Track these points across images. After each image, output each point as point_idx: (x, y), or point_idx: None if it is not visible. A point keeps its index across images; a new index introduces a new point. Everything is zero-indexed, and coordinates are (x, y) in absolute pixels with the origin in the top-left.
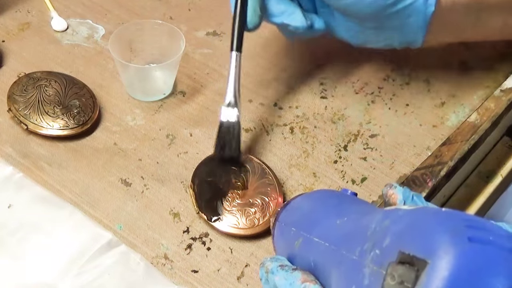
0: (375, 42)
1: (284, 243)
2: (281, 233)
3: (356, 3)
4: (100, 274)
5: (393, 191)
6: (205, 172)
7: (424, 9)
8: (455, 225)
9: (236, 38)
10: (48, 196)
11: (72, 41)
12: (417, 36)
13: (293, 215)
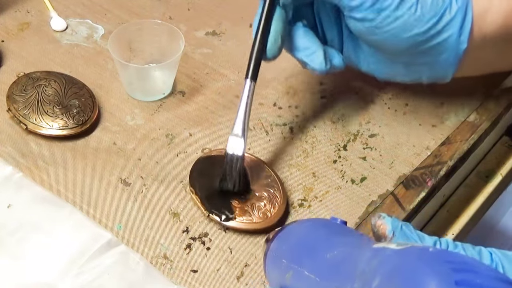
0: (402, 76)
1: (275, 274)
2: (273, 263)
3: (393, 38)
4: (99, 274)
5: (382, 221)
6: (202, 175)
7: (456, 46)
8: (442, 268)
9: (253, 67)
10: (47, 196)
11: (72, 41)
12: (447, 72)
13: (284, 245)
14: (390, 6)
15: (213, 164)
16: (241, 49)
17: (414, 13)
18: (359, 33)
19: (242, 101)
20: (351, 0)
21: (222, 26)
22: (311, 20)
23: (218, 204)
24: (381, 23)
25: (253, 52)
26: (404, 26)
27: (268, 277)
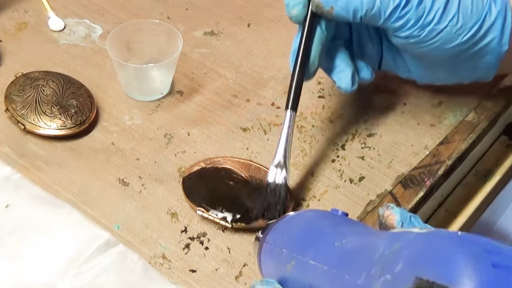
0: (444, 80)
1: (273, 265)
2: (270, 255)
3: (437, 49)
4: (98, 274)
5: (390, 212)
6: (200, 191)
7: (498, 48)
8: (476, 250)
9: (293, 96)
10: (46, 196)
11: (70, 40)
12: (489, 73)
13: (283, 236)
14: (433, 21)
15: (201, 178)
16: (239, 49)
17: (456, 24)
18: (403, 48)
19: (283, 131)
20: (396, 21)
21: (220, 26)
22: (347, 34)
23: (241, 213)
24: (425, 37)
25: (293, 81)
26: (448, 37)
27: (263, 268)
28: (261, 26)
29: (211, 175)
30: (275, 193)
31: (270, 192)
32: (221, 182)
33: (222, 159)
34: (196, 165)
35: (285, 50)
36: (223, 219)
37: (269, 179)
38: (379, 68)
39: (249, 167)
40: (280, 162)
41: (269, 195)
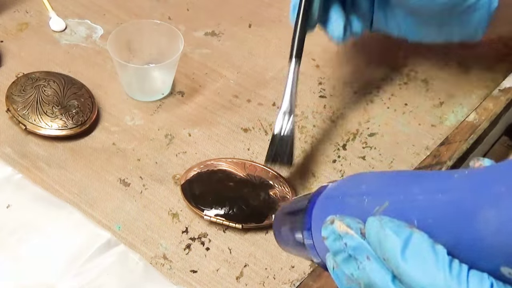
0: (434, 37)
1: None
2: (336, 209)
3: (430, 2)
4: (99, 274)
5: (481, 162)
6: (202, 196)
7: (488, 5)
8: None
9: (297, 44)
10: (46, 196)
11: (71, 41)
12: (478, 30)
13: (357, 187)
14: None
15: (200, 182)
16: (240, 49)
17: None
18: (396, 2)
19: (288, 79)
20: None
21: (221, 27)
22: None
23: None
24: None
25: (296, 31)
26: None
27: (312, 232)
28: (262, 26)
29: (209, 178)
30: (284, 139)
31: (279, 139)
32: (221, 184)
33: (215, 161)
34: (191, 170)
35: (286, 50)
36: (232, 221)
37: (277, 126)
38: (371, 28)
39: (243, 166)
40: (287, 108)
41: (279, 141)
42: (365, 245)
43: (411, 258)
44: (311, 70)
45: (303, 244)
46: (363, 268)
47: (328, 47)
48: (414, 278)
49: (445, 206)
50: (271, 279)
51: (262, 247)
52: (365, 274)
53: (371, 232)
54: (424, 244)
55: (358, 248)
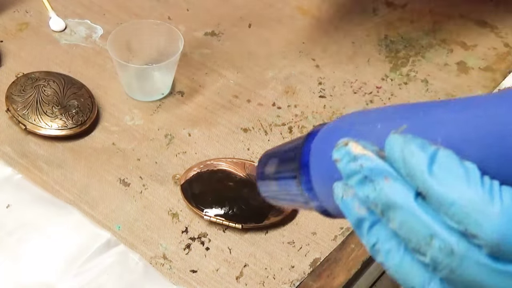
0: None
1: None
2: (350, 136)
3: None
4: (98, 274)
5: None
6: (202, 196)
7: None
8: None
9: None
10: (46, 196)
11: (71, 41)
12: None
13: (367, 116)
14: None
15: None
16: (240, 49)
17: None
18: None
19: None
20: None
21: (221, 27)
22: None
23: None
24: None
25: None
26: None
27: (317, 168)
28: (262, 26)
29: (209, 178)
30: None
31: None
32: (221, 184)
33: (215, 161)
34: (191, 170)
35: (286, 50)
36: (232, 221)
37: None
38: None
39: (243, 166)
40: None
41: None
42: (383, 165)
43: (439, 173)
44: (311, 70)
45: (295, 184)
46: (380, 189)
47: (328, 47)
48: (442, 193)
49: (476, 120)
50: (271, 279)
51: (262, 247)
52: (383, 194)
53: (394, 149)
54: (452, 159)
55: (376, 169)
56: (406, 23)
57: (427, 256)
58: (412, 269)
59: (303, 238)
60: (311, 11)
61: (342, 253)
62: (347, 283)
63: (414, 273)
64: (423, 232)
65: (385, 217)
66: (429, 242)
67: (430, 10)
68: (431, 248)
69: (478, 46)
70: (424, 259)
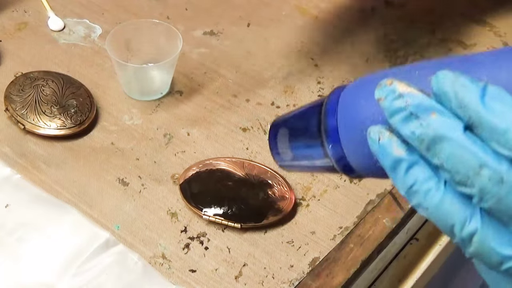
0: None
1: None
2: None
3: None
4: (98, 274)
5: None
6: (201, 195)
7: None
8: None
9: None
10: (45, 196)
11: (69, 40)
12: None
13: (402, 67)
14: None
15: (199, 182)
16: (239, 49)
17: None
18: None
19: None
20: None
21: (219, 26)
22: None
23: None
24: None
25: None
26: None
27: (347, 116)
28: (261, 26)
29: (208, 178)
30: None
31: None
32: (220, 183)
33: (214, 160)
34: (190, 169)
35: (285, 49)
36: (231, 220)
37: None
38: None
39: (242, 165)
40: None
41: None
42: (430, 101)
43: (491, 103)
44: (309, 69)
45: (319, 142)
46: (427, 124)
47: (327, 46)
48: (495, 121)
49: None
50: (270, 279)
51: (261, 246)
52: (430, 129)
53: (445, 83)
54: (502, 91)
55: (422, 105)
56: (405, 22)
57: (475, 187)
58: (453, 207)
59: (302, 238)
60: (310, 10)
61: (341, 252)
62: (346, 282)
63: (454, 211)
64: (472, 162)
65: (431, 152)
66: (478, 172)
67: (429, 9)
68: (480, 178)
69: (477, 45)
70: (471, 191)
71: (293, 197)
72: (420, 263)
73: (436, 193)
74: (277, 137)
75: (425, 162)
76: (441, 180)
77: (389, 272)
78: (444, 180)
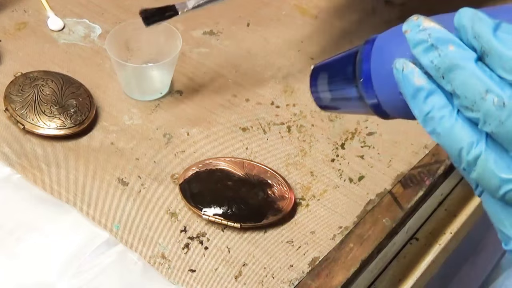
0: None
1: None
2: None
3: None
4: (97, 274)
5: None
6: (200, 195)
7: None
8: None
9: None
10: (45, 196)
11: (69, 40)
12: None
13: (430, 18)
14: None
15: (198, 182)
16: (239, 48)
17: None
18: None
19: None
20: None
21: (219, 26)
22: None
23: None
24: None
25: None
26: None
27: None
28: (261, 25)
29: (208, 178)
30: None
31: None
32: (220, 183)
33: (214, 160)
34: (189, 169)
35: (284, 49)
36: (231, 220)
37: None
38: None
39: (242, 165)
40: None
41: None
42: (449, 34)
43: (502, 35)
44: (309, 69)
45: (354, 84)
46: (445, 54)
47: (326, 46)
48: (502, 50)
49: None
50: (270, 278)
51: (261, 246)
52: (447, 59)
53: (465, 16)
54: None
55: (442, 38)
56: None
57: (480, 111)
58: (462, 131)
59: (302, 237)
60: (309, 10)
61: (341, 252)
62: (346, 282)
63: (463, 135)
64: (480, 88)
65: (445, 79)
66: (484, 96)
67: (429, 9)
68: (485, 102)
69: None
70: (476, 115)
71: (293, 197)
72: (420, 263)
73: (449, 119)
74: (317, 80)
75: (442, 92)
76: (454, 108)
77: (389, 272)
78: (457, 109)
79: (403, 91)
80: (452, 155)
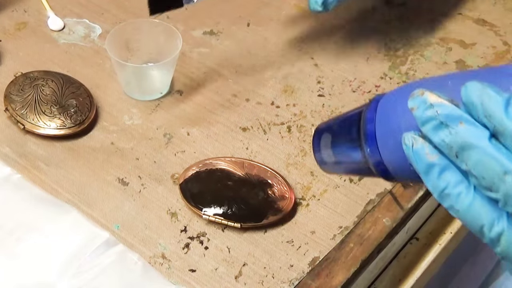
0: None
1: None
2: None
3: None
4: (97, 274)
5: None
6: (201, 195)
7: None
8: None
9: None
10: (45, 196)
11: (69, 40)
12: None
13: (437, 78)
14: None
15: (198, 181)
16: (239, 48)
17: None
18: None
19: None
20: None
21: (219, 26)
22: None
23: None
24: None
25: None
26: None
27: (387, 123)
28: (261, 25)
29: (208, 178)
30: None
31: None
32: (220, 183)
33: (214, 160)
34: (189, 169)
35: (284, 49)
36: (231, 220)
37: None
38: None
39: (242, 165)
40: None
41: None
42: (458, 111)
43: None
44: (309, 69)
45: (359, 148)
46: (456, 132)
47: (327, 46)
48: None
49: None
50: (270, 278)
51: (261, 246)
52: (458, 137)
53: (473, 93)
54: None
55: (451, 115)
56: (405, 21)
57: (499, 192)
58: (482, 209)
59: (302, 237)
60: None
61: (341, 252)
62: (346, 282)
63: (483, 213)
64: (497, 169)
65: (459, 158)
66: (502, 178)
67: (429, 8)
68: (504, 184)
69: (477, 45)
70: (496, 196)
71: (293, 197)
72: (420, 263)
73: (467, 197)
74: (320, 141)
75: (456, 167)
76: (471, 184)
77: (389, 271)
78: (474, 185)
79: (414, 167)
80: (473, 231)
